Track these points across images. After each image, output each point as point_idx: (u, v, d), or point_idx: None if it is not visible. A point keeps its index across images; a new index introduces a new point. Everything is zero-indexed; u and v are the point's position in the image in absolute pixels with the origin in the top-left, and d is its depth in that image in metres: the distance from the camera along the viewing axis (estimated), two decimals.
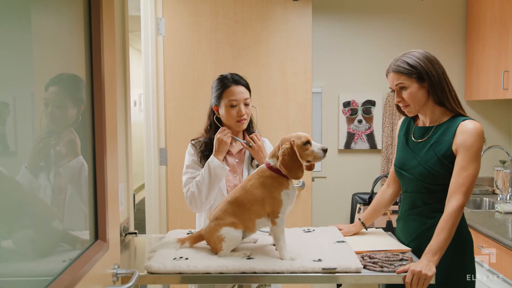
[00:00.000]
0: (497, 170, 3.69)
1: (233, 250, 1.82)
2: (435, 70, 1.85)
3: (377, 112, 3.84)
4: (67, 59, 1.29)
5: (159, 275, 1.72)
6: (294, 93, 3.42)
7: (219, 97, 2.16)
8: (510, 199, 3.32)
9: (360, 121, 3.86)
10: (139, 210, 3.88)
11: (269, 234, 1.95)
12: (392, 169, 2.10)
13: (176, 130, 3.42)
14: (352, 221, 3.63)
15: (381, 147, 3.85)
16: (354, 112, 3.86)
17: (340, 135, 3.87)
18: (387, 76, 1.95)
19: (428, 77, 1.85)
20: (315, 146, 1.75)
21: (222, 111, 2.17)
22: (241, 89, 2.14)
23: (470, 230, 1.97)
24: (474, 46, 3.63)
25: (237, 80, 2.16)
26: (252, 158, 2.24)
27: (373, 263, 1.78)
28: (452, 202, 1.78)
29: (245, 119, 2.15)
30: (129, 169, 2.39)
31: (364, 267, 1.74)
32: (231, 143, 2.21)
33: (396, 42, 3.82)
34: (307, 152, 1.74)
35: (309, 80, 3.41)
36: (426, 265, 1.69)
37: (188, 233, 2.14)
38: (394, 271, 1.71)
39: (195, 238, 1.88)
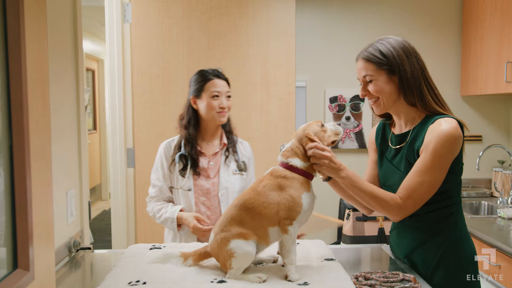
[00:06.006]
0: (496, 171, 3.42)
1: (245, 272, 1.53)
2: (409, 65, 1.57)
3: (366, 108, 3.56)
4: None
5: None
6: (276, 87, 3.11)
7: (200, 90, 2.14)
8: (511, 202, 3.05)
9: (348, 118, 3.57)
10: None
11: (278, 253, 1.67)
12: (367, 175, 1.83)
13: (145, 128, 3.09)
14: (340, 228, 3.33)
15: None
16: (341, 108, 3.56)
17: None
18: (356, 62, 1.67)
19: (399, 71, 1.57)
20: (329, 124, 1.65)
21: (202, 104, 2.13)
22: (223, 82, 2.16)
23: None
24: (471, 36, 3.37)
25: (218, 74, 2.17)
26: (226, 158, 2.18)
27: (370, 285, 1.52)
28: (397, 198, 1.54)
29: (226, 111, 2.14)
30: (83, 173, 2.05)
31: None
32: (207, 143, 2.19)
33: (387, 32, 3.51)
34: (328, 133, 1.62)
35: (292, 72, 3.11)
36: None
37: (151, 248, 1.86)
38: None
39: (200, 255, 1.60)
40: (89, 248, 1.98)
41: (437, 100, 1.60)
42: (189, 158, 2.12)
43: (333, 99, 3.58)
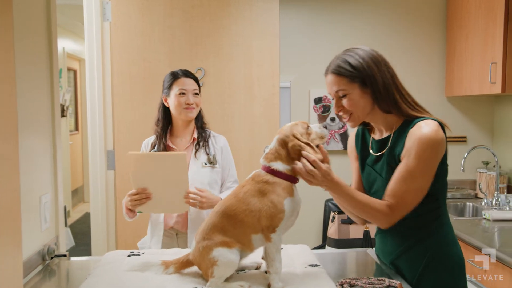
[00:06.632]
0: (480, 172, 3.41)
1: (226, 280, 1.47)
2: (380, 75, 1.52)
3: None
4: None
5: None
6: (259, 88, 3.06)
7: (169, 87, 2.23)
8: (496, 204, 3.03)
9: (333, 119, 3.53)
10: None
11: (262, 258, 1.60)
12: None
13: (125, 129, 3.01)
14: (325, 231, 3.28)
15: None
16: (326, 109, 3.52)
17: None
18: (325, 76, 1.60)
19: (371, 83, 1.52)
20: (315, 126, 1.57)
21: (171, 101, 2.23)
22: (190, 81, 2.23)
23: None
24: (456, 36, 3.35)
25: (187, 73, 2.25)
26: (196, 151, 2.23)
27: None
28: (385, 207, 1.50)
29: (193, 108, 2.21)
30: (58, 177, 1.97)
31: None
32: (180, 139, 2.27)
33: (372, 32, 3.50)
34: (312, 136, 1.54)
35: (276, 73, 3.06)
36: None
37: (129, 255, 1.80)
38: None
39: (182, 264, 1.54)
40: (65, 255, 1.90)
41: (412, 105, 1.55)
42: None
43: (318, 100, 3.54)
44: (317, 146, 1.54)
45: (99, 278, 1.55)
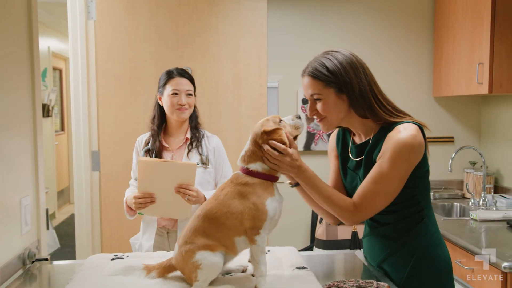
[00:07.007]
0: (467, 173, 3.42)
1: (211, 284, 1.44)
2: (357, 81, 1.48)
3: None
4: None
5: None
6: (247, 88, 3.03)
7: (163, 87, 2.23)
8: (483, 204, 3.04)
9: None
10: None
11: (249, 260, 1.57)
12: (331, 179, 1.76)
13: (110, 130, 2.96)
14: (313, 232, 3.27)
15: None
16: None
17: (299, 135, 3.49)
18: (302, 77, 1.58)
19: (347, 89, 1.48)
20: (288, 119, 1.57)
21: (164, 101, 2.22)
22: (184, 81, 2.22)
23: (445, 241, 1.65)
24: (443, 37, 3.35)
25: (182, 73, 2.24)
26: (189, 151, 2.22)
27: None
28: (350, 205, 1.49)
29: (186, 108, 2.20)
30: (39, 179, 1.92)
31: None
32: (173, 138, 2.27)
33: (360, 32, 3.49)
34: (287, 129, 1.54)
35: (264, 73, 3.03)
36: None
37: (113, 259, 1.76)
38: None
39: (165, 268, 1.50)
40: (46, 259, 1.85)
41: (390, 112, 1.52)
42: (154, 152, 2.21)
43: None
44: (294, 138, 1.55)
45: (80, 283, 1.51)
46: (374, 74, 1.56)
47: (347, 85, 1.48)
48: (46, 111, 6.20)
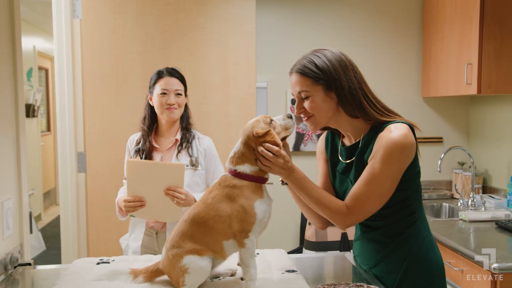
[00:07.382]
0: (456, 173, 3.42)
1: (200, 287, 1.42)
2: (346, 79, 1.46)
3: None
4: None
5: None
6: (235, 88, 3.00)
7: (153, 86, 2.21)
8: (471, 204, 3.04)
9: None
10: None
11: (238, 264, 1.55)
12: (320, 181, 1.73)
13: (96, 130, 2.91)
14: (302, 233, 3.24)
15: None
16: None
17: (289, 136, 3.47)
18: (290, 75, 1.56)
19: (336, 87, 1.46)
20: (278, 119, 1.52)
21: (154, 101, 2.20)
22: (174, 80, 2.19)
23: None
24: (432, 37, 3.35)
25: (172, 72, 2.22)
26: (178, 153, 2.19)
27: None
28: (343, 207, 1.46)
29: (175, 108, 2.18)
30: (22, 181, 1.87)
31: None
32: (164, 138, 2.24)
33: (349, 33, 3.48)
34: (277, 130, 1.50)
35: (253, 72, 3.00)
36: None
37: (98, 263, 1.72)
38: None
39: (152, 273, 1.47)
40: (29, 264, 1.80)
41: (380, 111, 1.49)
42: (144, 152, 2.20)
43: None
44: (283, 138, 1.51)
45: None
46: (363, 74, 1.53)
47: (335, 82, 1.45)
48: (31, 111, 6.10)
